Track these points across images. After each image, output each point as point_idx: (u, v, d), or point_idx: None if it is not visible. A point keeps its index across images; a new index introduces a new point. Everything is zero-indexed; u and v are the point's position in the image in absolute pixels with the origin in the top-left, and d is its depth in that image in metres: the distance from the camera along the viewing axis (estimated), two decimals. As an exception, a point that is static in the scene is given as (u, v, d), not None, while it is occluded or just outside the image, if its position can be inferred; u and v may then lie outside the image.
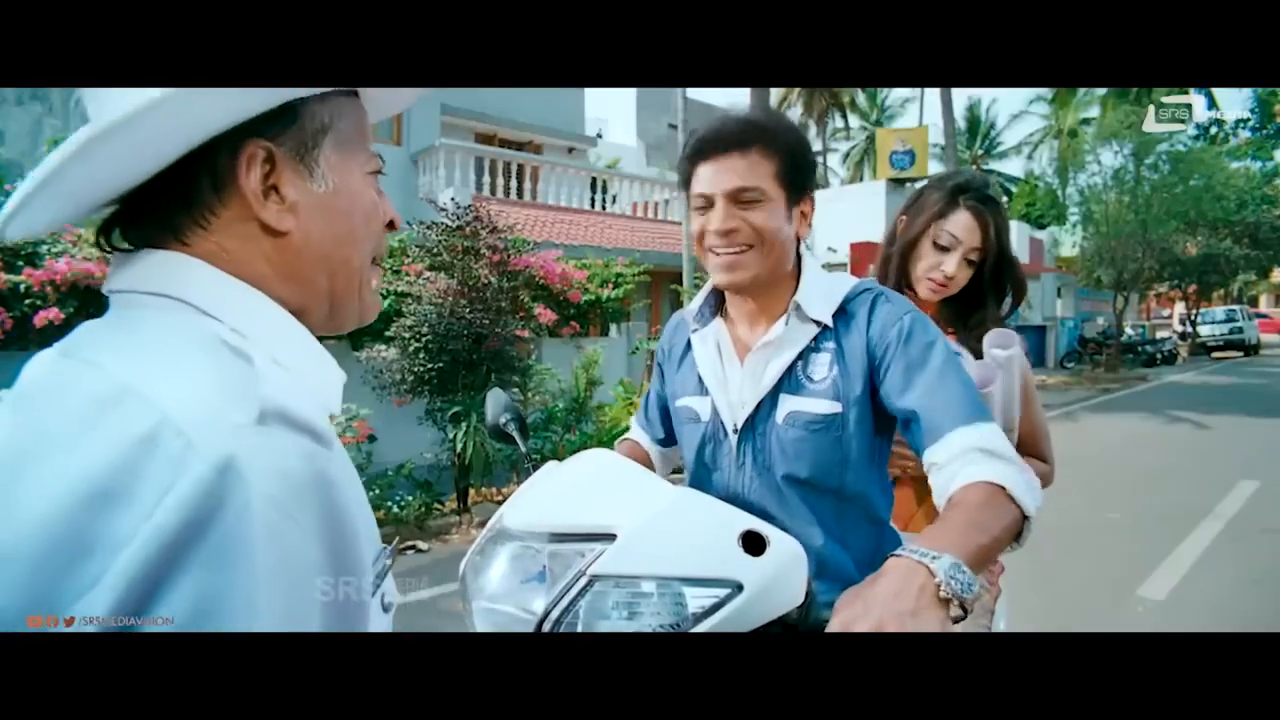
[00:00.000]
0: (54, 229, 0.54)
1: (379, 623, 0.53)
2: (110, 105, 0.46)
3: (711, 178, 0.98)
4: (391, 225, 0.62)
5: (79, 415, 0.42)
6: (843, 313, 1.02)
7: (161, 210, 0.51)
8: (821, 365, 1.01)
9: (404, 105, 0.69)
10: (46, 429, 0.42)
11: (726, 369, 1.08)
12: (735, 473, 1.05)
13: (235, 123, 0.50)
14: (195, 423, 0.40)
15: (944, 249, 1.36)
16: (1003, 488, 0.82)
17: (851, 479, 1.00)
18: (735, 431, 1.05)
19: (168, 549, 0.37)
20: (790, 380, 1.02)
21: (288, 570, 0.41)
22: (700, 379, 1.10)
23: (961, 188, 1.38)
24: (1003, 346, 1.28)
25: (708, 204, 0.99)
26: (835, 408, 0.99)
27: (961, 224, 1.35)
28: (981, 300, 1.42)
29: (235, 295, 0.51)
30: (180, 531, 0.38)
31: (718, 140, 0.98)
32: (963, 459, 0.86)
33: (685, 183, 1.04)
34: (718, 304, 1.14)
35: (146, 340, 0.47)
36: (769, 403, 1.02)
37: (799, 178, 1.00)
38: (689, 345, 1.15)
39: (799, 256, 1.06)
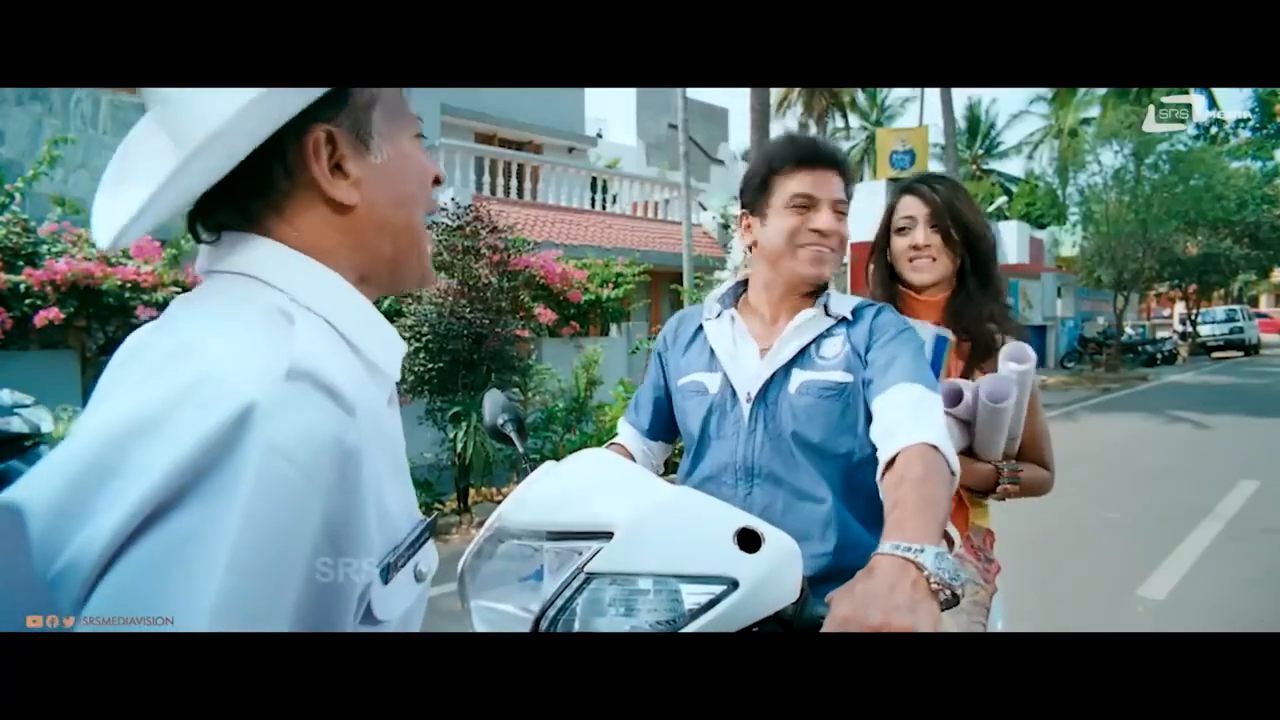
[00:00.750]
0: (141, 236, 0.57)
1: (412, 591, 0.56)
2: (195, 116, 0.48)
3: (818, 183, 1.13)
4: (437, 181, 0.64)
5: (147, 366, 0.48)
6: (853, 314, 1.16)
7: (238, 199, 0.54)
8: (834, 345, 1.14)
9: None
10: (123, 376, 0.50)
11: (739, 345, 1.19)
12: (746, 437, 1.13)
13: (301, 109, 0.52)
14: (233, 374, 0.45)
15: (904, 230, 1.44)
16: (935, 447, 0.91)
17: (859, 448, 1.09)
18: (749, 400, 1.14)
19: (178, 477, 0.41)
20: (803, 358, 1.14)
21: (279, 519, 0.43)
22: (712, 354, 1.20)
23: (907, 182, 1.48)
24: (1018, 360, 1.29)
25: (810, 204, 1.13)
26: (847, 377, 1.11)
27: (910, 205, 1.44)
28: (972, 289, 1.42)
29: (298, 268, 0.54)
30: (192, 464, 0.41)
31: (819, 153, 1.14)
32: (895, 416, 0.97)
33: (765, 184, 1.15)
34: (737, 297, 1.26)
35: (214, 308, 0.52)
36: (782, 376, 1.14)
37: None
38: (698, 330, 1.25)
39: None
